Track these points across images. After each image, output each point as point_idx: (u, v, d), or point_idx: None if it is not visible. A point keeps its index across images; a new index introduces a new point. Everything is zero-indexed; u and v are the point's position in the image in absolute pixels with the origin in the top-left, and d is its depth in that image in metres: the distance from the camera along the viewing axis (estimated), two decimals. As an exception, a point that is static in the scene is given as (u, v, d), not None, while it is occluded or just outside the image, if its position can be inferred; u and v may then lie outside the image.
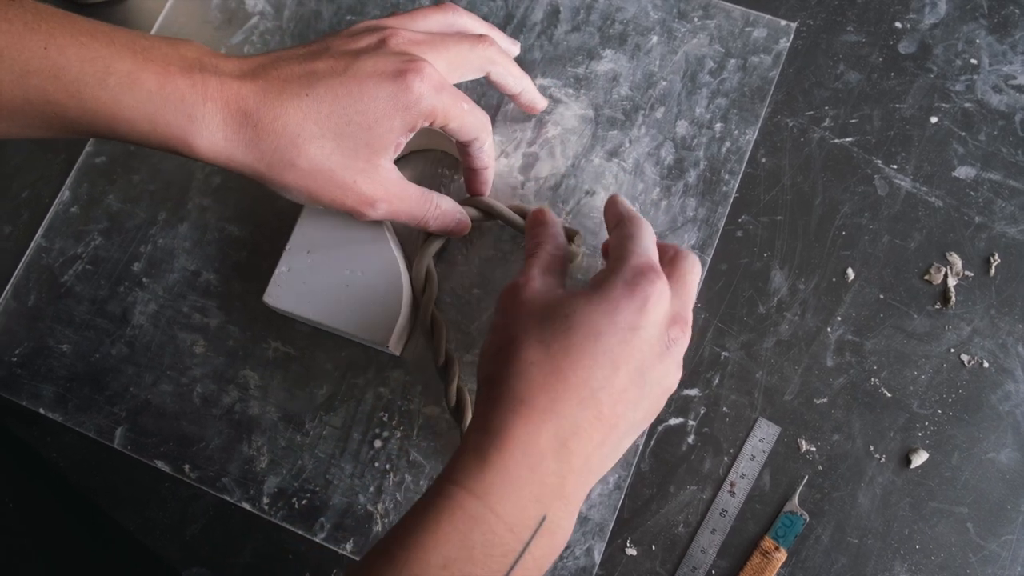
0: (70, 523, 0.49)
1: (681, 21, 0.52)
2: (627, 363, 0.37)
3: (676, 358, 0.39)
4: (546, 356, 0.37)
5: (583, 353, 0.36)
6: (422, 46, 0.42)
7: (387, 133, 0.41)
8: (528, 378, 0.36)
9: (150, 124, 0.38)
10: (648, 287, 0.37)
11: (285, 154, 0.40)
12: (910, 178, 0.48)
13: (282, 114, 0.40)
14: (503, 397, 0.36)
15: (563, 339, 0.37)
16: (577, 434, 0.36)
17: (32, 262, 0.53)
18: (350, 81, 0.40)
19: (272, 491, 0.47)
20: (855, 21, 0.51)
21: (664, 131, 0.50)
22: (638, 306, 0.37)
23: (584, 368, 0.36)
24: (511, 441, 0.35)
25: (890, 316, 0.46)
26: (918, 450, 0.44)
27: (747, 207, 0.49)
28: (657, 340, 0.38)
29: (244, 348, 0.49)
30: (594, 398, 0.36)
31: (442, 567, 0.33)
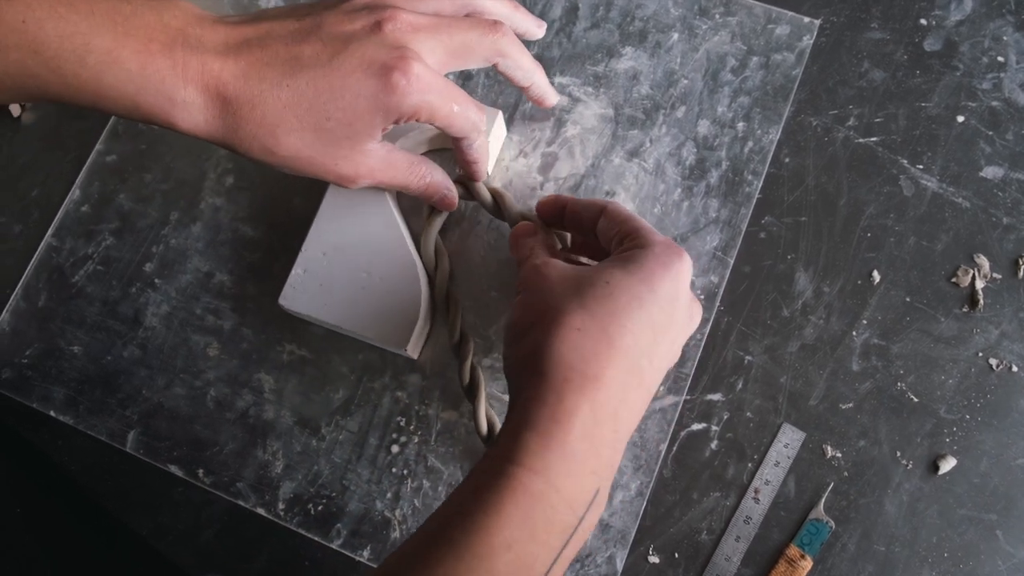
0: (81, 528, 0.49)
1: (702, 18, 0.51)
2: (666, 332, 0.38)
3: (691, 333, 0.41)
4: (592, 320, 0.36)
5: (628, 318, 0.36)
6: (421, 33, 0.40)
7: (368, 128, 0.40)
8: (576, 344, 0.36)
9: (132, 103, 0.38)
10: (679, 261, 0.38)
11: (265, 142, 0.40)
12: (936, 178, 0.48)
13: (260, 104, 0.39)
14: (553, 368, 0.35)
15: (607, 303, 0.36)
16: (625, 402, 0.36)
17: (42, 262, 0.52)
18: (333, 74, 0.39)
19: (288, 496, 0.46)
20: (879, 18, 0.50)
21: (685, 130, 0.49)
22: (672, 277, 0.38)
23: (630, 333, 0.36)
24: (569, 414, 0.34)
25: (917, 319, 0.46)
26: (946, 456, 0.43)
27: (770, 208, 0.48)
28: (686, 311, 0.39)
29: (258, 351, 0.49)
30: (637, 365, 0.36)
31: (507, 548, 0.33)
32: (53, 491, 0.48)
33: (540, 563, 0.34)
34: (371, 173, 0.42)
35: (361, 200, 0.47)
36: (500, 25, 0.42)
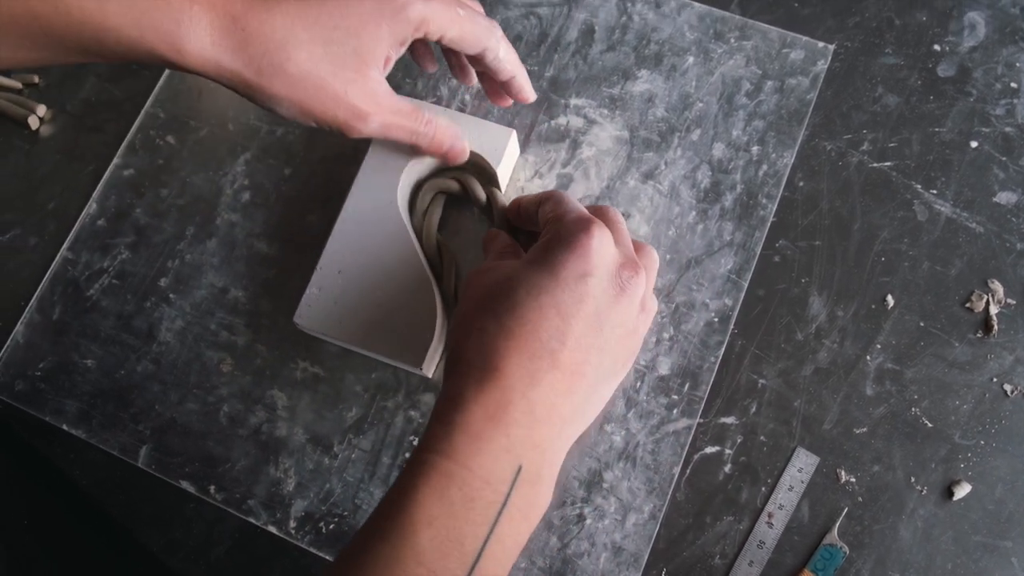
0: (91, 543, 0.48)
1: (717, 42, 0.51)
2: (578, 311, 0.37)
3: (633, 299, 0.39)
4: (492, 318, 0.37)
5: (527, 308, 0.37)
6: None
7: (376, 42, 0.40)
8: (479, 343, 0.37)
9: (137, 31, 0.38)
10: (586, 236, 0.38)
11: (273, 58, 0.39)
12: (950, 203, 0.48)
13: (269, 18, 0.39)
14: (459, 366, 0.38)
15: (507, 301, 0.38)
16: (535, 385, 0.36)
17: (58, 275, 0.52)
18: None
19: (299, 514, 0.46)
20: (893, 44, 0.51)
21: (700, 153, 0.50)
22: (579, 255, 0.38)
23: (530, 323, 0.37)
24: (468, 401, 0.36)
25: (931, 344, 0.46)
26: (961, 482, 0.43)
27: (785, 231, 0.48)
28: (609, 284, 0.38)
29: (272, 367, 0.49)
30: (546, 348, 0.37)
31: (427, 524, 0.34)
32: (64, 505, 0.48)
33: (470, 540, 0.35)
34: (380, 111, 0.42)
35: (376, 218, 0.47)
36: (496, 24, 0.44)
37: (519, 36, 0.53)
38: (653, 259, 0.43)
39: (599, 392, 0.40)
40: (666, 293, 0.47)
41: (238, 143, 0.54)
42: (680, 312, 0.47)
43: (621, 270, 0.39)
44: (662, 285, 0.47)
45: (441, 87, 0.53)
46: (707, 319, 0.47)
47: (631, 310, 0.40)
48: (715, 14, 0.52)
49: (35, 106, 0.56)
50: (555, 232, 0.39)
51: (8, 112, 0.56)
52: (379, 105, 0.42)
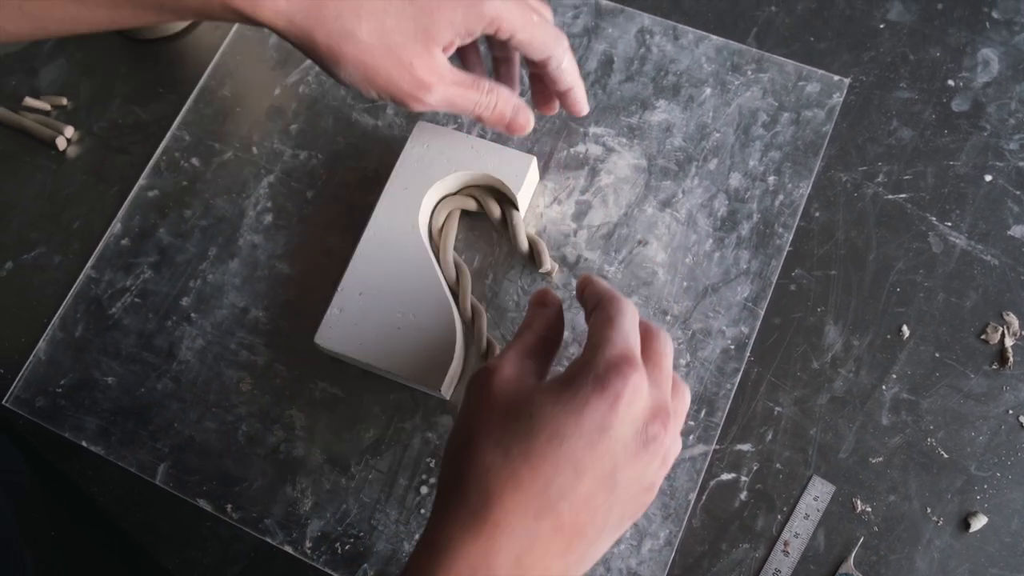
0: (107, 559, 0.49)
1: (734, 74, 0.52)
2: (593, 467, 0.34)
3: (656, 455, 0.35)
4: (504, 461, 0.34)
5: (543, 459, 0.33)
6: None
7: (447, 24, 0.40)
8: (483, 486, 0.33)
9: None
10: (620, 382, 0.34)
11: (346, 23, 0.39)
12: (965, 236, 0.48)
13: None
14: (455, 508, 0.34)
15: (524, 442, 0.34)
16: (532, 548, 0.33)
17: (81, 293, 0.53)
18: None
19: (315, 535, 0.46)
20: (908, 78, 0.52)
21: (717, 183, 0.50)
22: (609, 404, 0.34)
23: (543, 476, 0.33)
24: (459, 561, 0.33)
25: (946, 375, 0.46)
26: (977, 514, 0.43)
27: (801, 261, 0.49)
28: (632, 439, 0.35)
29: (291, 387, 0.49)
30: (553, 508, 0.33)
31: None
32: (82, 521, 0.49)
33: None
34: (442, 79, 0.42)
35: (397, 241, 0.48)
36: (563, 35, 0.44)
37: (539, 66, 0.54)
38: (685, 400, 0.39)
39: (597, 547, 0.36)
40: (683, 320, 0.48)
41: (262, 166, 0.55)
42: (697, 339, 0.47)
43: (650, 423, 0.35)
44: (679, 312, 0.48)
45: (462, 114, 0.54)
46: (723, 346, 0.47)
47: (651, 466, 0.36)
48: (732, 47, 0.53)
49: (63, 127, 0.57)
50: (590, 364, 0.35)
51: (37, 133, 0.57)
52: (442, 77, 0.42)
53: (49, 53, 0.60)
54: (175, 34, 0.59)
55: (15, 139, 0.58)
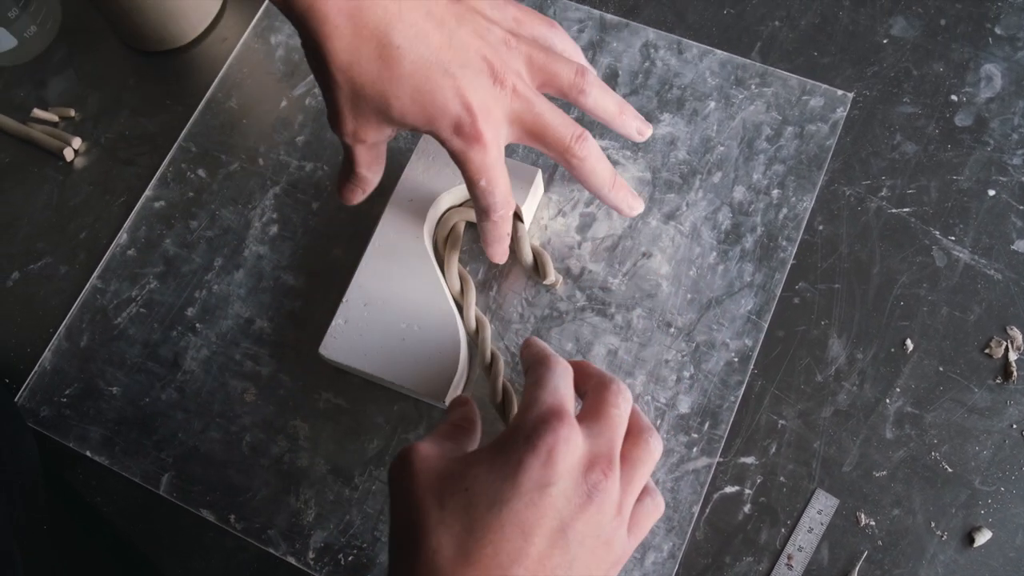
0: (111, 570, 0.49)
1: (738, 88, 0.53)
2: (540, 526, 0.33)
3: (603, 506, 0.35)
4: (450, 538, 0.33)
5: (487, 528, 0.33)
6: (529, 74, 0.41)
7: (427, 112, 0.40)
8: (433, 562, 0.33)
9: None
10: (551, 436, 0.34)
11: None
12: (968, 250, 0.48)
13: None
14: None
15: (465, 515, 0.33)
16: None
17: (87, 303, 0.53)
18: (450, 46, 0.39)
19: (318, 546, 0.46)
20: (911, 93, 0.52)
21: (721, 196, 0.50)
22: (542, 461, 0.34)
23: (490, 544, 0.33)
24: None
25: (950, 389, 0.46)
26: (981, 528, 0.43)
27: (804, 274, 0.49)
28: (574, 491, 0.34)
29: (295, 398, 0.49)
30: (506, 574, 0.33)
31: None
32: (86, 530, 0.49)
33: None
34: (360, 148, 0.42)
35: (403, 252, 0.48)
36: (586, 71, 0.43)
37: (544, 79, 0.54)
38: (651, 447, 0.38)
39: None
40: (687, 332, 0.48)
41: (267, 177, 0.55)
42: (700, 351, 0.47)
43: (588, 473, 0.35)
44: (683, 324, 0.48)
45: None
46: (727, 359, 0.47)
47: (602, 518, 0.35)
48: (736, 61, 0.53)
49: (70, 139, 0.57)
50: (519, 425, 0.36)
51: (44, 144, 0.57)
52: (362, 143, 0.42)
53: (57, 64, 0.61)
54: (182, 46, 0.60)
55: (23, 150, 0.58)
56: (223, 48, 0.59)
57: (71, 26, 0.62)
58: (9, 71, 0.61)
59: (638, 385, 0.47)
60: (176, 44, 0.59)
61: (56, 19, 0.62)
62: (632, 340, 0.48)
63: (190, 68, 0.59)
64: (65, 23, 0.63)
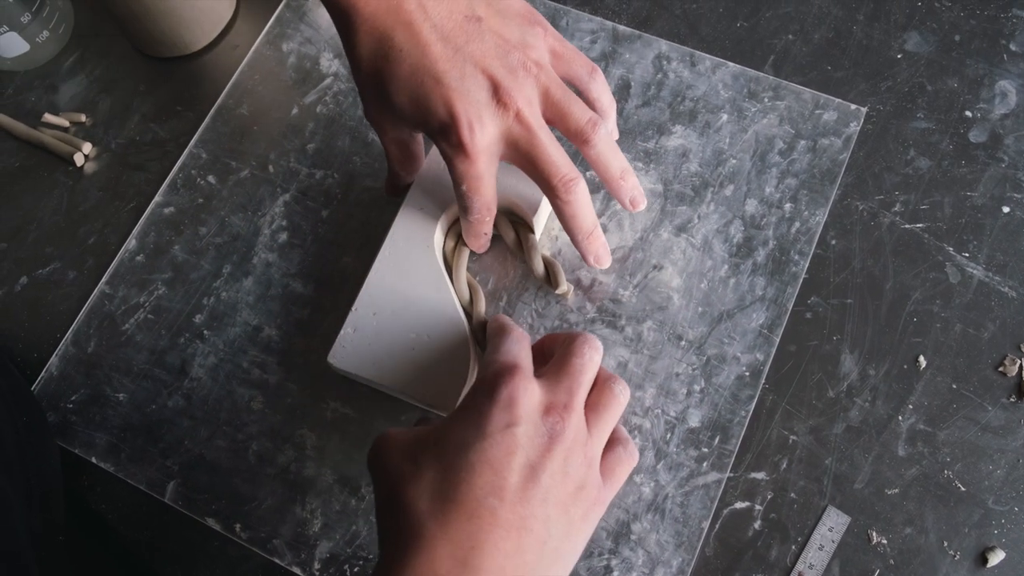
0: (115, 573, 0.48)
1: (751, 101, 0.53)
2: (508, 462, 0.35)
3: (567, 446, 0.37)
4: (426, 486, 0.35)
5: (459, 468, 0.35)
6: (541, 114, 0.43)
7: (417, 113, 0.42)
8: (414, 511, 0.35)
9: None
10: (506, 386, 0.37)
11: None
12: (982, 267, 0.48)
13: None
14: (395, 539, 0.35)
15: (436, 462, 0.36)
16: (477, 547, 0.34)
17: (94, 308, 0.53)
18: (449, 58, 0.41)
19: (324, 556, 0.46)
20: (925, 108, 0.52)
21: (733, 209, 0.50)
22: (502, 406, 0.36)
23: (463, 481, 0.35)
24: (400, 571, 0.34)
25: (963, 407, 0.45)
26: (995, 548, 0.43)
27: (816, 289, 0.48)
28: (535, 433, 0.36)
29: (302, 407, 0.49)
30: (483, 505, 0.34)
31: None
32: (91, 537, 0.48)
33: None
34: (385, 139, 0.45)
35: (412, 262, 0.48)
36: (599, 124, 0.43)
37: (556, 90, 0.54)
38: (613, 394, 0.40)
39: (557, 550, 0.36)
40: (697, 346, 0.48)
41: (278, 184, 0.55)
42: (711, 365, 0.47)
43: (545, 417, 0.37)
44: (694, 337, 0.48)
45: (479, 136, 0.54)
46: (738, 373, 0.47)
47: (570, 459, 0.37)
48: (749, 74, 0.53)
49: (81, 144, 0.57)
50: (479, 383, 0.38)
51: (55, 149, 0.57)
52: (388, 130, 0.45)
53: (69, 70, 0.61)
54: (194, 52, 0.60)
55: (33, 155, 0.58)
56: (235, 55, 0.60)
57: (83, 31, 0.62)
58: (21, 76, 0.61)
59: (648, 398, 0.47)
60: (188, 50, 0.60)
61: (68, 24, 0.62)
62: (642, 353, 0.48)
63: (201, 74, 0.59)
64: (77, 28, 0.63)
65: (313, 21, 0.59)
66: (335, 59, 0.58)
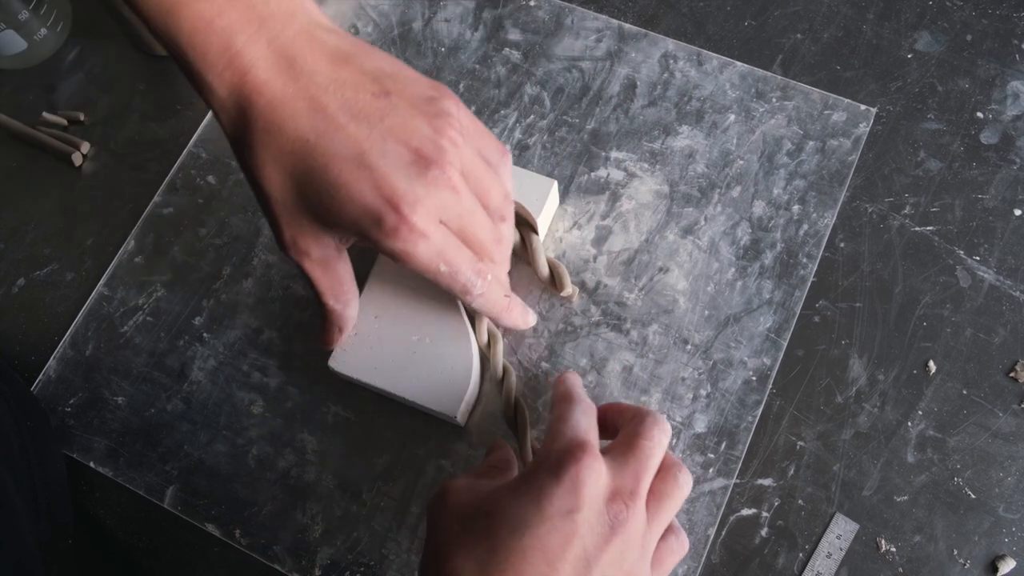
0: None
1: (759, 101, 0.52)
2: (564, 553, 0.33)
3: (628, 538, 0.35)
4: (472, 561, 0.33)
5: (510, 551, 0.33)
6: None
7: (348, 214, 0.37)
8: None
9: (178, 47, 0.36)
10: (574, 466, 0.34)
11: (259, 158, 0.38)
12: (993, 271, 0.47)
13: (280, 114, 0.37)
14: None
15: (487, 540, 0.34)
16: None
17: (92, 311, 0.52)
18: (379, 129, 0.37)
19: (325, 563, 0.45)
20: (936, 109, 0.51)
21: (740, 210, 0.49)
22: (567, 488, 0.34)
23: (513, 568, 0.33)
24: None
25: (974, 413, 0.45)
26: (1005, 557, 0.42)
27: (825, 292, 0.48)
28: (598, 522, 0.34)
29: (303, 411, 0.48)
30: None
31: None
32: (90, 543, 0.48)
33: None
34: (309, 265, 0.40)
35: (415, 265, 0.47)
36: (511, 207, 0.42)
37: (561, 88, 0.53)
38: (678, 484, 0.38)
39: None
40: (704, 350, 0.47)
41: (278, 185, 0.54)
42: (718, 369, 0.46)
43: (610, 504, 0.35)
44: (700, 341, 0.47)
45: (482, 137, 0.53)
46: (745, 377, 0.46)
47: (626, 551, 0.35)
48: (757, 73, 0.52)
49: (79, 143, 0.56)
50: (544, 457, 0.36)
51: (53, 148, 0.56)
52: (310, 260, 0.40)
53: (68, 68, 0.60)
54: (194, 51, 0.59)
55: (31, 154, 0.58)
56: (235, 53, 0.59)
57: (82, 29, 0.62)
58: (19, 74, 0.60)
59: (653, 403, 0.46)
60: (187, 48, 0.59)
61: (67, 22, 0.61)
62: (648, 357, 0.47)
63: (201, 73, 0.58)
64: (76, 26, 0.62)
65: (314, 19, 0.58)
66: (336, 57, 0.57)
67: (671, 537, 0.38)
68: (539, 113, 0.53)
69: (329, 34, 0.38)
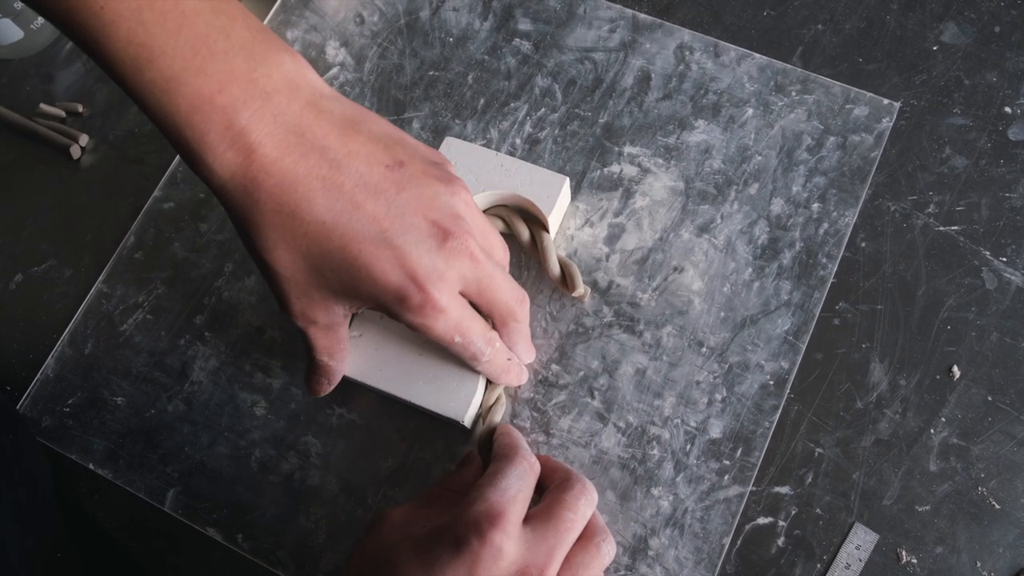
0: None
1: (778, 94, 0.50)
2: None
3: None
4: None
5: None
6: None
7: (364, 288, 0.37)
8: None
9: (173, 136, 0.35)
10: (477, 541, 0.33)
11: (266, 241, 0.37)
12: (1021, 272, 0.46)
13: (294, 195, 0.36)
14: None
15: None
16: None
17: (92, 308, 0.51)
18: (393, 210, 0.37)
19: (329, 568, 0.44)
20: (962, 104, 0.49)
21: (758, 208, 0.48)
22: (465, 564, 0.33)
23: None
24: None
25: (999, 420, 0.43)
26: (1031, 570, 0.41)
27: (845, 294, 0.46)
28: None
29: (307, 412, 0.47)
30: None
31: None
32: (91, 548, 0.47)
33: None
34: (313, 331, 0.40)
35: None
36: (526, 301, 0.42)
37: (573, 80, 0.52)
38: (599, 555, 0.37)
39: None
40: (719, 352, 0.45)
41: (281, 179, 0.53)
42: (734, 373, 0.45)
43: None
44: (716, 344, 0.46)
45: (491, 129, 0.52)
46: (762, 381, 0.45)
47: None
48: (776, 66, 0.51)
49: (78, 135, 0.55)
50: (454, 521, 0.35)
51: (51, 140, 0.55)
52: (317, 335, 0.41)
53: (65, 58, 0.59)
54: (195, 40, 0.57)
55: (28, 147, 0.56)
56: (237, 42, 0.57)
57: (80, 17, 0.60)
58: (15, 64, 0.59)
59: (667, 407, 0.45)
60: (188, 37, 0.57)
61: (65, 9, 0.60)
62: (662, 359, 0.46)
63: (203, 63, 0.57)
64: (74, 13, 0.60)
65: (318, 8, 0.57)
66: (341, 47, 0.55)
67: None
68: (550, 106, 0.51)
69: (333, 102, 0.37)
